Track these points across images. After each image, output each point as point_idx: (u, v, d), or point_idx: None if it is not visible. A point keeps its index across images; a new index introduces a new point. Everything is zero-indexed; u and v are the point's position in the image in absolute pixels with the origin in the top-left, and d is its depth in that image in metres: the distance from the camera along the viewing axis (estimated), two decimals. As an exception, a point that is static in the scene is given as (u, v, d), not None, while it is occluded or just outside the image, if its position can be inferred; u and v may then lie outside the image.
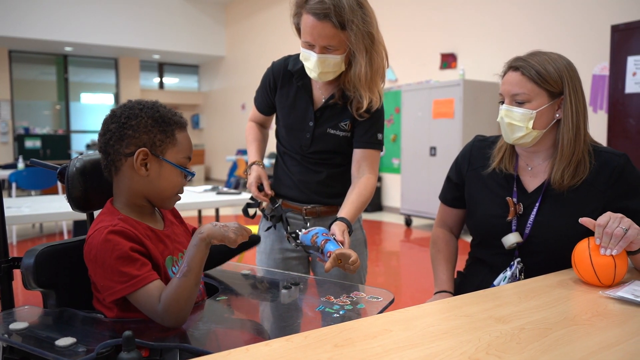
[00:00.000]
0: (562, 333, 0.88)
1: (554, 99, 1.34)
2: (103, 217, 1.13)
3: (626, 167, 1.35)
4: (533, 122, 1.33)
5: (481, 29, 6.24)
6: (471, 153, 1.54)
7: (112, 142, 1.11)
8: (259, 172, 1.66)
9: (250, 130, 1.80)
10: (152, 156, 1.11)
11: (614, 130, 4.28)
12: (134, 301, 1.03)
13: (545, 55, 1.36)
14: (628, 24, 4.17)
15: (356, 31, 1.42)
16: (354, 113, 1.56)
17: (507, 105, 1.37)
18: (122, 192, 1.15)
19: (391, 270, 4.69)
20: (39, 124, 11.93)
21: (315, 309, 1.17)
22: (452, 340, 0.84)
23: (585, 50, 5.12)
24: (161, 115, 1.13)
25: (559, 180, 1.35)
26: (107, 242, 1.03)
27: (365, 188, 1.56)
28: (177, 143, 1.14)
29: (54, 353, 0.89)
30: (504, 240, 1.39)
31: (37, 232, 6.16)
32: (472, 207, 1.52)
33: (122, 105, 1.15)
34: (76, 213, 1.28)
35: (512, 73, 1.36)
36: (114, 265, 1.02)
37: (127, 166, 1.12)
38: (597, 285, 1.16)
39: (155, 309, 1.01)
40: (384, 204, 7.92)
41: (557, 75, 1.33)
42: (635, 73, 4.09)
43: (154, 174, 1.12)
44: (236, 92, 12.10)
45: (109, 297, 1.04)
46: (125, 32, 11.08)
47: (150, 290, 1.02)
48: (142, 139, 1.11)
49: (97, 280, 1.06)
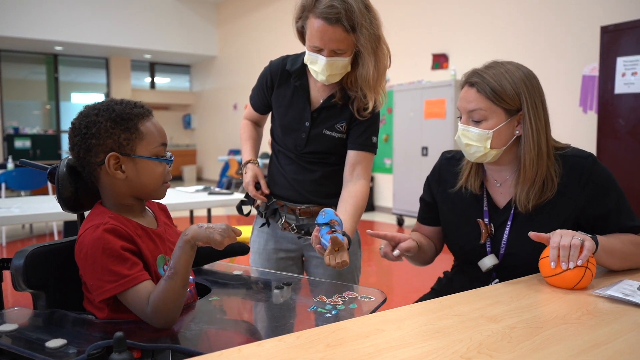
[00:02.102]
0: (553, 332, 0.89)
1: (512, 115, 1.29)
2: (93, 216, 1.12)
3: (593, 169, 1.30)
4: (490, 142, 1.29)
5: (472, 30, 6.27)
6: (440, 173, 1.51)
7: (81, 154, 1.10)
8: (255, 170, 1.66)
9: (245, 128, 1.80)
10: (123, 157, 1.10)
11: (603, 131, 4.31)
12: (124, 301, 1.03)
13: (502, 67, 1.30)
14: (617, 25, 4.20)
15: (365, 34, 1.43)
16: (354, 112, 1.57)
17: (463, 125, 1.33)
18: (108, 196, 1.15)
19: (383, 270, 4.70)
20: (29, 124, 11.82)
21: (307, 309, 1.17)
22: (444, 339, 0.84)
23: (575, 51, 5.17)
24: (118, 114, 1.10)
25: (524, 202, 1.31)
26: (98, 240, 1.02)
27: (362, 199, 1.57)
28: (144, 135, 1.11)
29: (44, 355, 0.88)
30: (480, 265, 1.37)
31: (27, 233, 6.11)
32: (447, 230, 1.49)
33: (78, 115, 1.13)
34: (66, 213, 1.27)
35: (468, 89, 1.31)
36: (104, 263, 1.01)
37: (103, 174, 1.11)
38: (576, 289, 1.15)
39: (145, 310, 1.01)
40: (376, 204, 7.93)
41: (514, 91, 1.27)
42: (625, 74, 4.13)
43: (131, 173, 1.11)
44: (228, 92, 12.06)
45: (99, 297, 1.03)
46: (116, 32, 11.00)
47: (140, 291, 1.02)
48: (108, 143, 1.09)
49: (87, 279, 1.06)
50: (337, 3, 1.40)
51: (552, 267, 1.12)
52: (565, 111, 5.23)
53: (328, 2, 1.40)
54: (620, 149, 4.20)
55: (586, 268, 1.11)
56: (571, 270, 1.11)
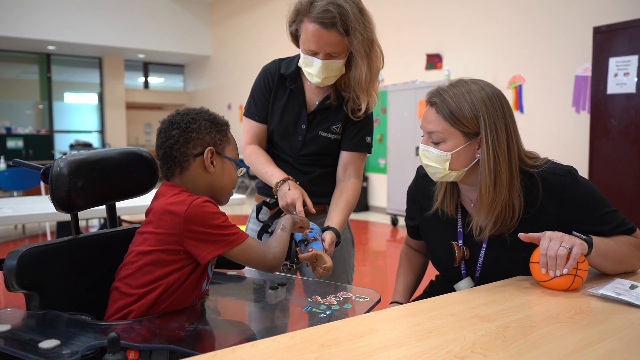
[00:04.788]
0: (546, 331, 0.89)
1: (471, 139, 1.24)
2: (186, 193, 1.17)
3: (573, 186, 1.24)
4: (449, 164, 1.25)
5: (466, 30, 6.29)
6: (417, 193, 1.48)
7: (177, 145, 1.18)
8: (300, 189, 1.52)
9: (257, 155, 1.64)
10: (217, 154, 1.22)
11: (596, 131, 4.34)
12: (241, 250, 1.14)
13: (465, 87, 1.24)
14: (610, 26, 4.23)
15: (359, 38, 1.45)
16: (349, 113, 1.57)
17: (423, 144, 1.29)
18: (189, 188, 1.20)
19: (378, 269, 4.71)
20: (22, 124, 11.75)
21: (302, 310, 1.17)
22: (438, 339, 0.85)
23: (568, 51, 5.19)
24: (215, 117, 1.24)
25: (481, 231, 1.26)
26: (206, 205, 1.13)
27: (353, 195, 1.60)
28: (230, 141, 1.27)
29: (37, 356, 0.88)
30: (456, 288, 1.35)
31: (20, 234, 6.07)
32: (427, 248, 1.49)
33: (176, 114, 1.23)
34: (60, 214, 1.26)
35: (429, 109, 1.27)
36: (220, 224, 1.13)
37: (195, 166, 1.20)
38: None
39: (267, 248, 1.20)
40: (371, 204, 7.94)
41: (472, 114, 1.21)
42: (617, 74, 4.15)
43: (218, 171, 1.23)
44: (222, 92, 12.03)
45: (217, 251, 1.12)
46: (110, 31, 10.95)
47: (255, 239, 1.20)
48: (206, 139, 1.20)
49: (200, 240, 1.11)
50: (332, 7, 1.41)
51: (543, 272, 1.12)
52: (558, 111, 5.26)
53: (323, 6, 1.41)
54: (612, 148, 4.23)
55: (575, 275, 1.11)
56: (559, 277, 1.11)
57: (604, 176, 4.25)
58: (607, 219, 1.25)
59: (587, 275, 1.15)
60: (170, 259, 1.12)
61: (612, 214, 1.26)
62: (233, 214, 7.70)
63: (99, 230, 1.47)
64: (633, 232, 1.27)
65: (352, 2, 1.45)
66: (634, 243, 1.26)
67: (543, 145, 4.72)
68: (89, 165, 1.24)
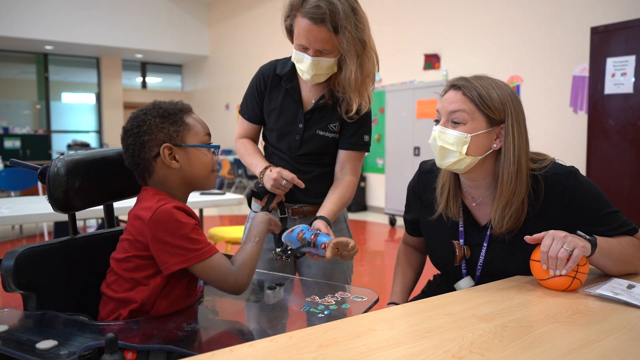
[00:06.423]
0: (544, 331, 0.89)
1: (493, 126, 1.24)
2: (158, 197, 1.14)
3: (575, 186, 1.24)
4: (467, 147, 1.23)
5: (464, 30, 6.30)
6: (418, 186, 1.48)
7: (136, 153, 1.17)
8: (278, 167, 1.56)
9: (246, 145, 1.71)
10: (175, 147, 1.17)
11: (593, 131, 4.35)
12: (202, 268, 1.08)
13: (491, 80, 1.26)
14: (607, 26, 4.24)
15: (348, 37, 1.44)
16: (342, 114, 1.58)
17: (441, 126, 1.26)
18: (163, 189, 1.19)
19: (376, 269, 4.71)
20: (19, 124, 11.73)
21: (300, 310, 1.17)
22: (436, 338, 0.85)
23: (566, 51, 5.20)
24: (164, 110, 1.19)
25: (498, 222, 1.25)
26: (174, 213, 1.08)
27: (347, 190, 1.60)
28: (190, 127, 1.21)
29: (35, 356, 0.87)
30: (456, 287, 1.35)
31: (17, 234, 6.05)
32: (427, 246, 1.49)
33: (128, 120, 1.21)
34: (57, 214, 1.27)
35: (453, 92, 1.26)
36: (185, 235, 1.07)
37: (158, 166, 1.18)
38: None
39: (230, 271, 1.11)
40: (369, 204, 7.94)
41: (500, 102, 1.23)
42: (614, 74, 4.16)
43: (184, 162, 1.19)
44: (220, 91, 12.03)
45: (176, 266, 1.06)
46: (107, 31, 10.94)
47: (221, 257, 1.12)
48: (159, 137, 1.17)
49: (163, 248, 1.07)
50: (323, 3, 1.41)
51: (544, 268, 1.13)
52: (555, 111, 5.27)
53: (315, 2, 1.42)
54: (610, 148, 4.24)
55: (574, 277, 1.11)
56: (559, 277, 1.11)
57: (602, 176, 4.26)
58: (609, 220, 1.25)
59: (587, 278, 1.15)
60: (148, 263, 1.10)
61: (614, 214, 1.26)
62: (232, 214, 7.70)
63: (97, 230, 1.46)
64: (635, 233, 1.27)
65: (346, 1, 1.44)
66: (637, 244, 1.25)
67: (541, 145, 4.72)
68: (87, 165, 1.23)
